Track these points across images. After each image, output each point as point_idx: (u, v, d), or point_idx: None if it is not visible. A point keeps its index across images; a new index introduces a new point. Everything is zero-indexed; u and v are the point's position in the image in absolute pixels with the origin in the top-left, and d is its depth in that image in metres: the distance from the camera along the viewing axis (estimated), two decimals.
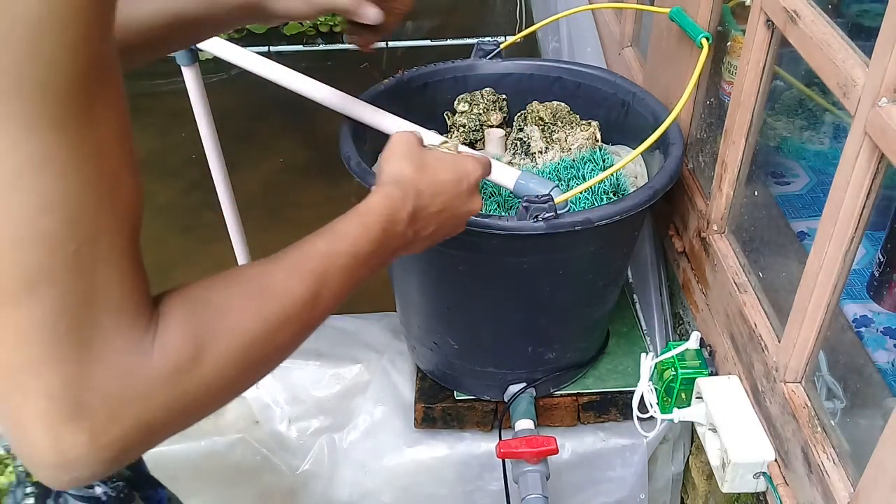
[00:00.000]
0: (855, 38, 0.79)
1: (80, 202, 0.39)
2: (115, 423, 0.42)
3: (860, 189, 0.76)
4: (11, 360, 0.39)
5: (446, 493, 1.27)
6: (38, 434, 0.40)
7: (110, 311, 0.41)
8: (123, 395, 0.41)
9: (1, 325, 0.39)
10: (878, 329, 1.04)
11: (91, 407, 0.40)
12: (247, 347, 0.48)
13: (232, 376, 0.47)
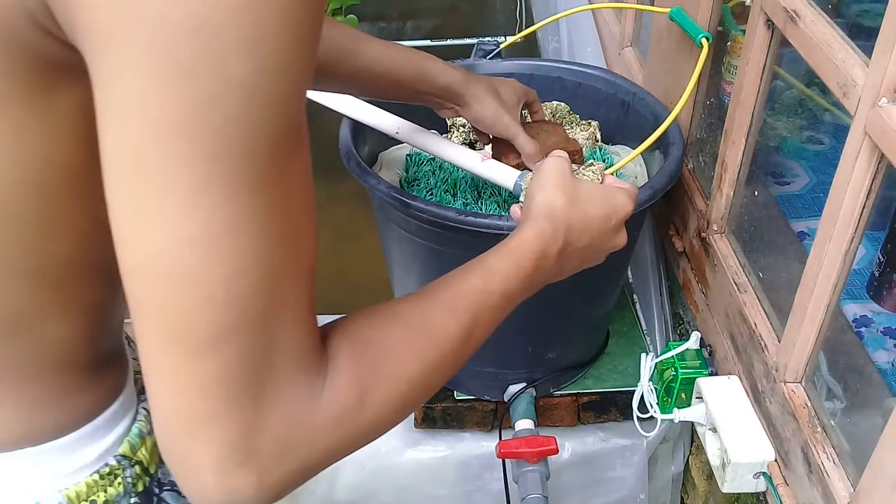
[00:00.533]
0: (855, 38, 0.79)
1: (271, 262, 0.40)
2: (282, 465, 0.43)
3: (860, 189, 0.76)
4: (191, 409, 0.41)
5: (446, 494, 1.27)
6: (209, 476, 0.42)
7: (287, 361, 0.42)
8: (293, 439, 0.43)
9: (183, 375, 0.40)
10: (878, 329, 1.03)
11: (262, 452, 0.42)
12: (406, 391, 0.49)
13: (389, 418, 0.49)
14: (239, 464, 0.42)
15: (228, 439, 0.41)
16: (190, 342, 0.40)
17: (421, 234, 1.03)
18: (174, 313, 0.39)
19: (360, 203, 2.29)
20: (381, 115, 1.08)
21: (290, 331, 0.42)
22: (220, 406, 0.41)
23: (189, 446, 0.41)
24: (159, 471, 0.61)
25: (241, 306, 0.40)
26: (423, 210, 0.97)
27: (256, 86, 0.37)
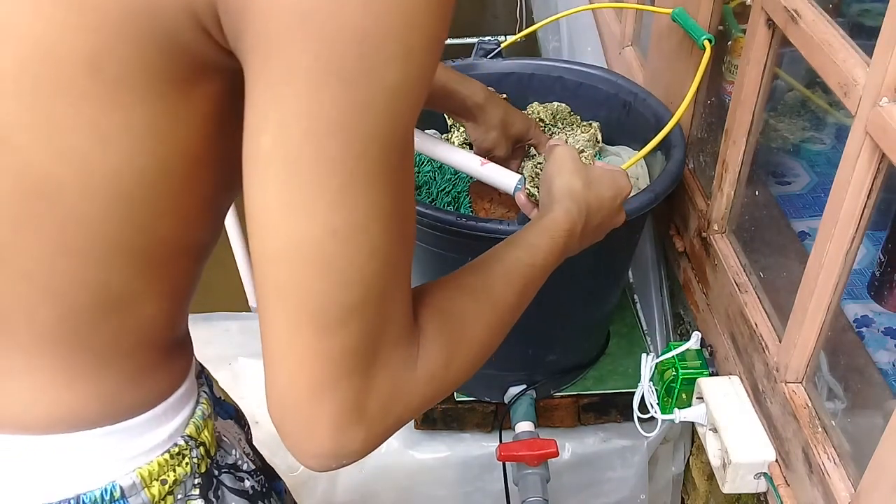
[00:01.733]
0: (856, 37, 0.79)
1: (394, 247, 0.46)
2: (385, 421, 0.49)
3: (861, 189, 0.76)
4: (316, 378, 0.46)
5: (446, 495, 1.27)
6: (325, 434, 0.48)
7: (394, 332, 0.48)
8: (395, 399, 0.49)
9: (313, 349, 0.45)
10: (879, 329, 1.03)
11: (371, 411, 0.48)
12: (478, 352, 0.57)
13: (466, 374, 0.56)
14: (352, 422, 0.47)
15: (345, 402, 0.47)
16: (322, 320, 0.45)
17: (421, 237, 1.02)
18: (313, 295, 0.44)
19: None
20: None
21: (399, 306, 0.48)
22: (342, 374, 0.46)
23: (310, 410, 0.47)
24: (217, 454, 0.64)
25: (368, 287, 0.45)
26: (424, 214, 0.97)
27: (402, 91, 0.42)
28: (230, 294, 1.76)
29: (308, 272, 0.44)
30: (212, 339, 1.38)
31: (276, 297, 0.45)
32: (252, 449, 0.74)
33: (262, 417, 1.42)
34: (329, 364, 0.46)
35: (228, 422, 0.72)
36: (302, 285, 0.44)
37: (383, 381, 0.48)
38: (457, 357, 0.54)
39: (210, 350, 1.36)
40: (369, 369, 0.47)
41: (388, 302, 0.47)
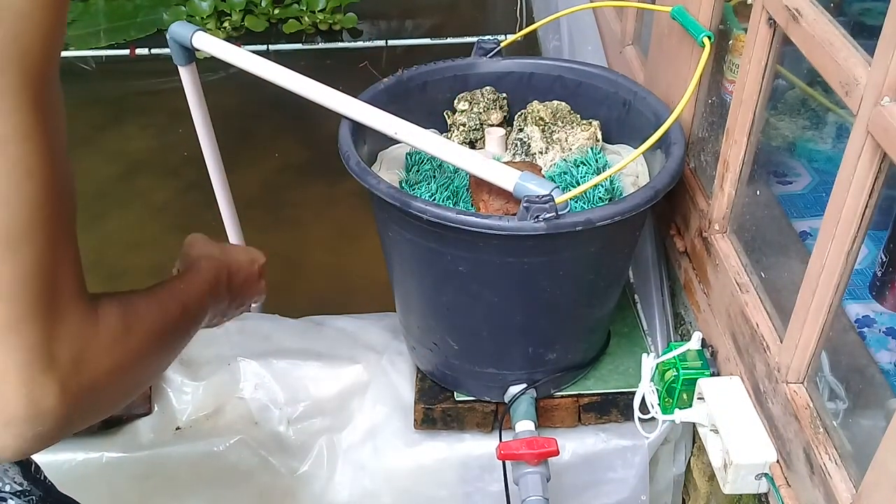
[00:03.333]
0: (857, 36, 0.78)
1: (51, 172, 0.47)
2: (78, 376, 0.49)
3: (862, 188, 0.76)
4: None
5: (446, 495, 1.26)
6: (14, 385, 0.46)
7: (69, 283, 0.49)
8: (83, 353, 0.50)
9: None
10: (880, 329, 1.03)
11: (60, 360, 0.48)
12: (158, 331, 0.61)
13: (151, 350, 0.60)
14: (42, 369, 0.46)
15: (30, 345, 0.46)
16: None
17: (421, 234, 1.02)
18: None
19: (360, 203, 2.29)
20: (379, 115, 1.08)
21: (68, 259, 0.49)
22: (20, 312, 0.46)
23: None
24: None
25: (32, 208, 0.46)
26: (423, 210, 0.96)
27: (30, 12, 0.44)
28: None
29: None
30: (211, 339, 1.38)
31: None
32: (29, 479, 0.68)
33: (260, 418, 1.43)
34: (6, 299, 0.45)
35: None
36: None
37: (68, 330, 0.48)
38: (137, 328, 0.57)
39: (209, 350, 1.36)
40: (51, 314, 0.47)
41: (57, 242, 0.48)
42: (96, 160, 2.50)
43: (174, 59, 1.30)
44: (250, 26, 3.06)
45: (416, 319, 1.21)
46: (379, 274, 1.30)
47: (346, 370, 1.33)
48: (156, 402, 1.29)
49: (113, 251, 2.19)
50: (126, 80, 2.84)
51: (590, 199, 1.11)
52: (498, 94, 1.25)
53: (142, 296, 0.62)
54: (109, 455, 1.25)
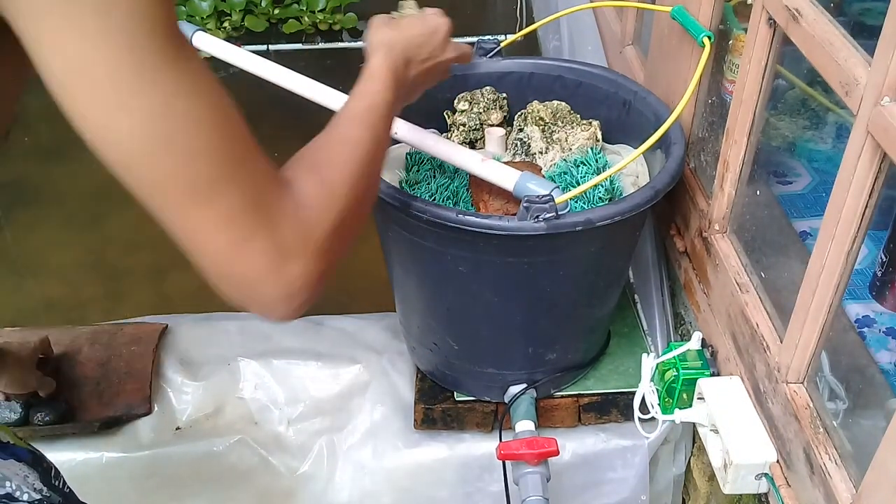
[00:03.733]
0: (857, 36, 0.78)
1: (217, 114, 0.52)
2: (308, 248, 0.57)
3: (862, 188, 0.76)
4: (231, 240, 0.53)
5: (446, 495, 1.26)
6: (269, 281, 0.55)
7: (270, 185, 0.55)
8: (305, 228, 0.57)
9: (212, 219, 0.52)
10: (880, 329, 1.03)
11: (291, 244, 0.56)
12: (356, 165, 0.65)
13: (358, 184, 0.64)
14: (283, 260, 0.55)
15: (267, 247, 0.54)
16: (200, 194, 0.51)
17: (421, 234, 1.02)
18: (177, 178, 0.51)
19: None
20: None
21: (262, 168, 0.55)
22: (249, 227, 0.53)
23: (242, 268, 0.54)
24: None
25: (218, 150, 0.51)
26: (423, 210, 0.96)
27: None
28: None
29: (159, 160, 0.50)
30: (212, 339, 1.38)
31: (153, 196, 0.52)
32: (49, 486, 0.72)
33: (260, 418, 1.43)
34: (234, 224, 0.53)
35: (9, 461, 0.70)
36: (162, 174, 0.50)
37: (287, 220, 0.56)
38: (335, 183, 0.62)
39: (210, 350, 1.36)
40: (269, 215, 0.54)
41: (246, 159, 0.54)
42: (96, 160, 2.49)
43: None
44: (250, 26, 3.06)
45: (416, 319, 1.21)
46: (379, 274, 1.30)
47: (346, 370, 1.33)
48: (156, 403, 1.29)
49: (113, 251, 2.19)
50: None
51: (590, 200, 1.11)
52: (498, 94, 1.25)
53: (325, 142, 0.66)
54: (109, 455, 1.25)
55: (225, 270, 0.54)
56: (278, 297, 0.56)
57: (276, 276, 0.55)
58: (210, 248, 0.53)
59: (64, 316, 2.01)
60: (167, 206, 0.52)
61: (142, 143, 0.49)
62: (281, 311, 0.58)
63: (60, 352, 1.29)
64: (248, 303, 0.57)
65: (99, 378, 1.28)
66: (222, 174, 0.52)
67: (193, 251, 0.54)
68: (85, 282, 2.11)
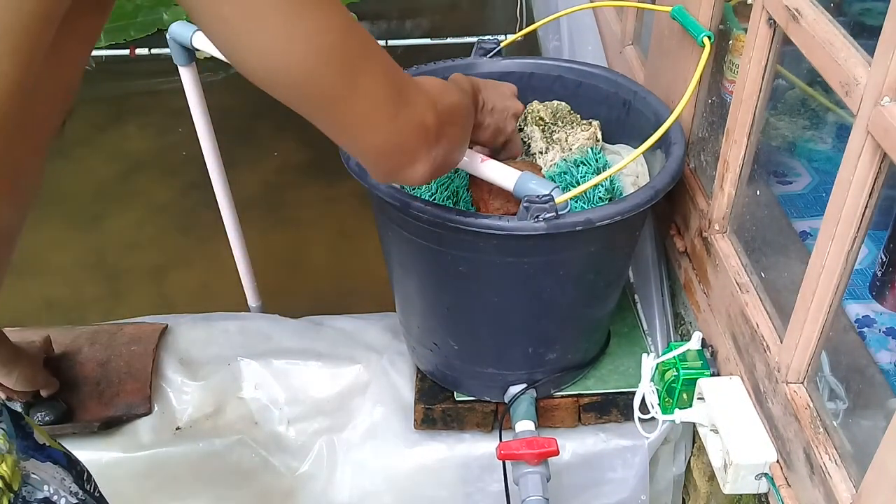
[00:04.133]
0: (857, 36, 0.78)
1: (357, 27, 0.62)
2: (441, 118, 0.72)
3: (863, 188, 0.76)
4: (389, 116, 0.66)
5: (446, 495, 1.26)
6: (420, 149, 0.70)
7: (403, 75, 0.68)
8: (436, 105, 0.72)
9: (372, 102, 0.64)
10: (880, 329, 1.03)
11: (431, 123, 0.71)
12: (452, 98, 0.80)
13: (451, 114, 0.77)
14: (427, 135, 0.71)
15: (416, 121, 0.69)
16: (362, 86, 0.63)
17: (421, 234, 1.02)
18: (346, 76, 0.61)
19: (360, 203, 2.29)
20: None
21: (392, 62, 0.67)
22: (400, 106, 0.66)
23: (400, 139, 0.68)
24: (23, 489, 0.64)
25: (371, 50, 0.63)
26: (423, 210, 0.96)
27: None
28: (229, 294, 1.76)
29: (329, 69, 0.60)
30: (212, 339, 1.38)
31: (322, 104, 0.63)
32: (84, 490, 0.74)
33: (260, 418, 1.43)
34: (388, 108, 0.65)
35: (46, 464, 0.71)
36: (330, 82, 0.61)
37: (419, 100, 0.69)
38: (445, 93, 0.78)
39: (210, 350, 1.36)
40: (411, 92, 0.68)
41: (383, 54, 0.65)
42: (96, 160, 2.50)
43: (174, 59, 1.30)
44: None
45: (416, 319, 1.21)
46: (379, 274, 1.30)
47: (346, 370, 1.33)
48: (156, 403, 1.29)
49: (113, 251, 2.19)
50: (126, 80, 2.84)
51: (590, 199, 1.11)
52: None
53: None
54: (110, 455, 1.25)
55: (388, 148, 0.67)
56: (426, 162, 0.71)
57: (425, 152, 0.70)
58: (374, 131, 0.65)
59: (64, 316, 2.01)
60: (335, 108, 0.62)
61: (315, 57, 0.58)
62: (425, 174, 0.72)
63: (60, 352, 1.29)
64: (403, 170, 0.71)
65: (99, 378, 1.28)
66: (375, 68, 0.62)
67: (360, 141, 0.67)
68: (85, 282, 2.11)
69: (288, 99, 0.62)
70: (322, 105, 0.63)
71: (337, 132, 0.67)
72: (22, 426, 0.70)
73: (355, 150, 0.69)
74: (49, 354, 1.24)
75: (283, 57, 0.57)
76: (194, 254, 2.13)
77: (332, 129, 0.66)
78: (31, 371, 1.16)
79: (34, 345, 1.19)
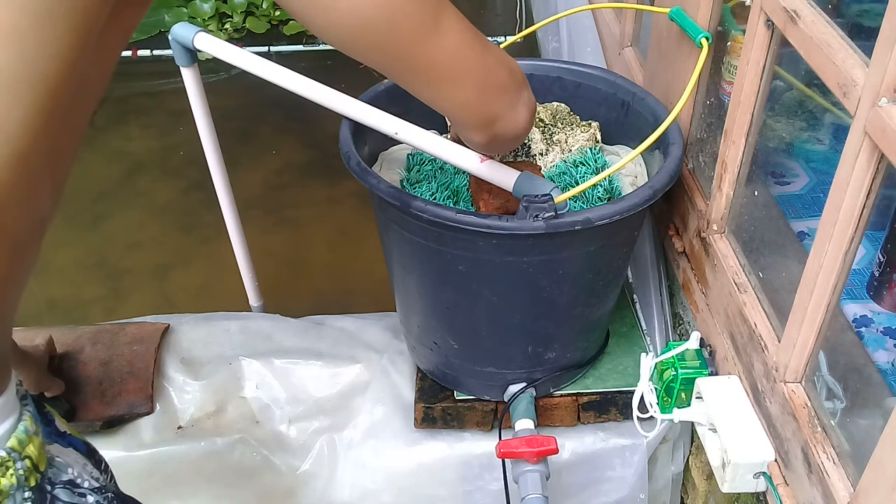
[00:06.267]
0: (855, 38, 0.79)
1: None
2: (513, 62, 0.77)
3: (860, 189, 0.76)
4: (477, 53, 0.71)
5: (446, 494, 1.27)
6: (522, 115, 0.78)
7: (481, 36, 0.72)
8: (513, 75, 0.77)
9: (450, 39, 0.67)
10: (877, 329, 1.03)
11: (518, 79, 0.78)
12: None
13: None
14: (520, 78, 0.77)
15: (505, 64, 0.74)
16: (428, 23, 0.66)
17: (421, 233, 1.03)
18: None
19: (360, 203, 2.30)
20: (380, 115, 1.08)
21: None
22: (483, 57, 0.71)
23: (498, 82, 0.74)
24: (49, 471, 0.64)
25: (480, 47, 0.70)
26: (423, 210, 0.97)
27: None
28: (230, 294, 1.77)
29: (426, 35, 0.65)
30: (213, 338, 1.39)
31: (418, 72, 0.68)
32: (105, 476, 0.74)
33: (261, 417, 1.43)
34: (468, 47, 0.69)
35: (69, 449, 0.72)
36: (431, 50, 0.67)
37: (492, 45, 0.73)
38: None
39: (210, 350, 1.36)
40: (485, 41, 0.71)
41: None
42: (98, 160, 2.50)
43: (176, 60, 1.31)
44: (252, 28, 3.07)
45: (416, 319, 1.21)
46: (379, 274, 1.30)
47: (346, 370, 1.34)
48: (158, 402, 1.30)
49: (115, 251, 2.19)
50: (128, 81, 2.85)
51: (589, 199, 1.11)
52: None
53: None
54: (112, 454, 1.26)
55: (483, 86, 0.71)
56: (524, 104, 0.75)
57: (514, 81, 0.74)
58: (466, 69, 0.69)
59: (66, 315, 2.02)
60: (426, 48, 0.65)
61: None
62: (528, 117, 0.77)
63: (62, 351, 1.30)
64: (505, 115, 0.75)
65: (101, 377, 1.29)
66: (451, 9, 0.66)
67: (455, 85, 0.70)
68: (87, 281, 2.12)
69: (377, 47, 0.64)
70: (411, 48, 0.64)
71: (429, 80, 0.68)
72: (45, 413, 0.70)
73: (453, 97, 0.70)
74: (51, 355, 1.25)
75: (370, 1, 0.59)
76: (195, 254, 2.13)
77: (423, 77, 0.68)
78: (37, 374, 1.17)
79: (38, 348, 1.20)
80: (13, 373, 0.65)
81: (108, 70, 0.60)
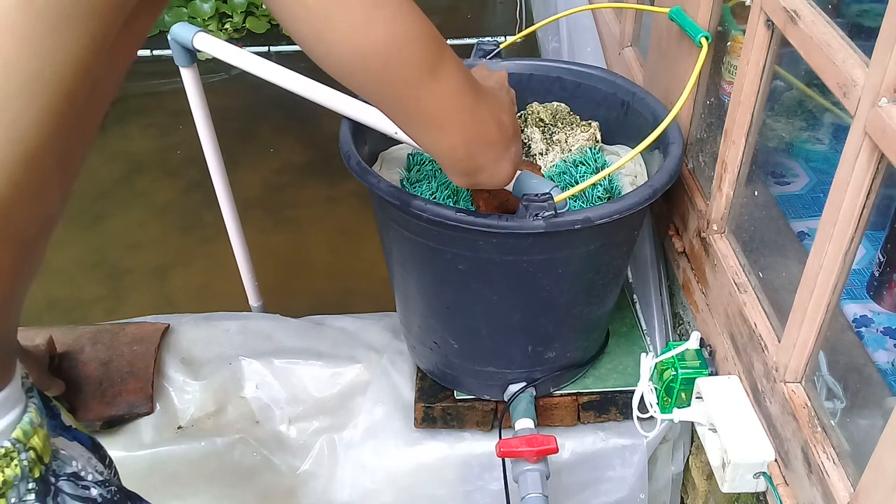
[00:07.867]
0: (855, 38, 0.79)
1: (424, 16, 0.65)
2: (508, 117, 0.78)
3: (860, 189, 0.76)
4: (468, 105, 0.69)
5: (446, 493, 1.27)
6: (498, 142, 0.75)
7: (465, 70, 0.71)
8: (502, 130, 0.76)
9: (444, 87, 0.66)
10: (877, 329, 1.04)
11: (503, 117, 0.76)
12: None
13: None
14: (509, 134, 0.77)
15: (495, 119, 0.74)
16: (429, 62, 0.64)
17: (421, 233, 1.03)
18: (423, 59, 0.64)
19: (360, 203, 2.30)
20: (380, 115, 1.08)
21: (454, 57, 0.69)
22: (475, 99, 0.70)
23: (475, 131, 0.72)
24: (53, 463, 0.64)
25: (436, 35, 0.65)
26: (423, 209, 0.97)
27: None
28: (230, 294, 1.77)
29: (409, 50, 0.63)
30: (212, 339, 1.39)
31: (401, 88, 0.65)
32: (109, 471, 0.75)
33: (261, 416, 1.43)
34: (461, 92, 0.68)
35: (73, 443, 0.72)
36: (410, 63, 0.63)
37: (488, 94, 0.74)
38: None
39: (210, 350, 1.36)
40: (481, 91, 0.71)
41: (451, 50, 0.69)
42: (98, 160, 2.51)
43: (176, 60, 1.31)
44: (252, 28, 3.07)
45: (416, 319, 1.21)
46: (379, 274, 1.30)
47: (346, 370, 1.34)
48: (158, 402, 1.30)
49: (114, 251, 2.20)
50: (128, 81, 2.83)
51: (588, 199, 1.11)
52: None
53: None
54: (112, 454, 1.24)
55: (471, 137, 0.70)
56: (508, 160, 0.75)
57: (502, 136, 0.73)
58: (456, 118, 0.68)
59: (66, 315, 2.02)
60: (419, 92, 0.65)
61: (399, 39, 0.61)
62: (510, 171, 0.78)
63: (62, 351, 1.30)
64: (487, 167, 0.74)
65: (101, 377, 1.29)
66: (451, 57, 0.65)
67: (443, 132, 0.69)
68: (87, 282, 2.12)
69: (371, 83, 0.63)
70: (404, 90, 0.64)
71: (418, 123, 0.68)
72: (50, 407, 0.71)
73: (438, 142, 0.70)
74: (51, 355, 1.25)
75: (368, 37, 0.59)
76: (195, 254, 2.13)
77: (412, 120, 0.67)
78: (38, 375, 1.17)
79: (39, 348, 1.20)
80: (19, 366, 0.66)
81: (121, 73, 0.61)
